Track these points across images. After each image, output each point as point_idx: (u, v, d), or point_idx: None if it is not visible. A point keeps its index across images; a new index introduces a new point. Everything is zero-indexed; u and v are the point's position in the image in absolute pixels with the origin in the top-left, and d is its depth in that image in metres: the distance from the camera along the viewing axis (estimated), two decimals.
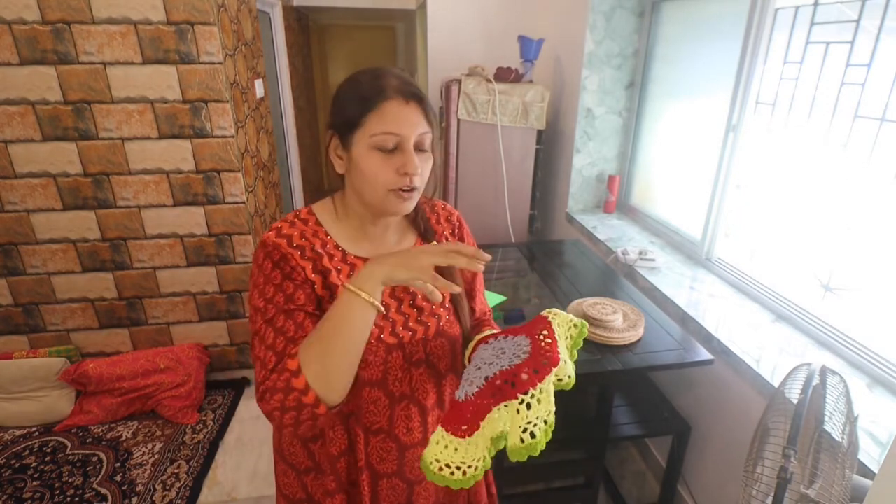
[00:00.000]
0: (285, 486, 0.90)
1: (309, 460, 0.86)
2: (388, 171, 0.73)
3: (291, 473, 0.89)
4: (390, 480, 0.87)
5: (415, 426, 0.86)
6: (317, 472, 0.86)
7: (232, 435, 2.21)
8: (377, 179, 0.74)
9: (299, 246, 0.78)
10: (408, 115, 0.72)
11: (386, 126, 0.72)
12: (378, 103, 0.72)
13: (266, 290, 0.75)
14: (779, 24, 1.60)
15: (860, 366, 1.32)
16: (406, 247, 0.87)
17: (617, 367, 1.33)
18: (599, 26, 2.36)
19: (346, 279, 0.78)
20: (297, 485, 0.89)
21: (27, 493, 1.87)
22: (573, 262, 2.06)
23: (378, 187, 0.74)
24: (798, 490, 0.80)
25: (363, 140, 0.73)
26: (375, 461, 0.85)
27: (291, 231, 0.79)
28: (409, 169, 0.73)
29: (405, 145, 0.73)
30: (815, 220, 1.50)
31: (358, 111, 0.73)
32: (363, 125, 0.72)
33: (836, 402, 0.87)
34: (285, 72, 3.60)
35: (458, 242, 0.77)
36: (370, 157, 0.73)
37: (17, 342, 2.32)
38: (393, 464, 0.86)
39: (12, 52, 1.89)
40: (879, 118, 1.26)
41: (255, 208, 2.41)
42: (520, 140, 2.61)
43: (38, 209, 2.12)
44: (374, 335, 0.79)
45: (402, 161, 0.73)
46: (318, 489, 0.86)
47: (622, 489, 1.92)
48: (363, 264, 0.77)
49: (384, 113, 0.72)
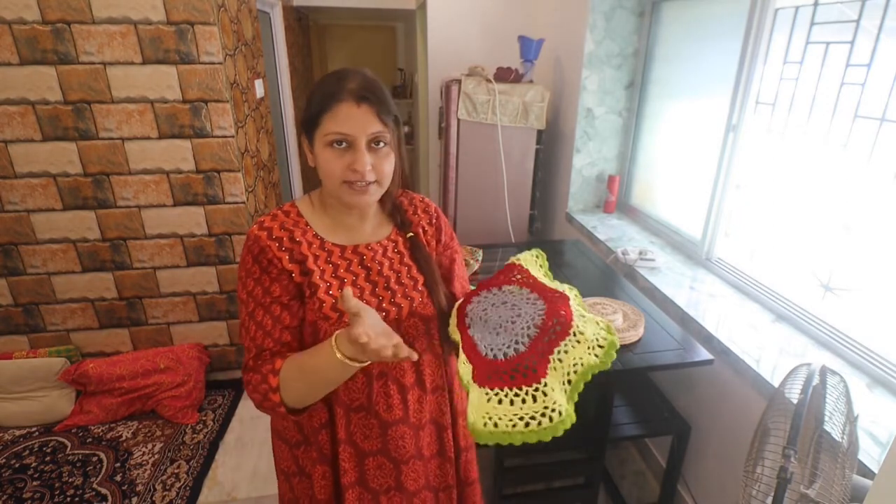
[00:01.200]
0: (280, 461, 0.97)
1: (298, 433, 0.92)
2: (340, 167, 0.80)
3: (284, 448, 0.95)
4: (376, 459, 0.91)
5: (395, 403, 0.90)
6: (306, 445, 0.92)
7: (232, 435, 2.21)
8: (331, 174, 0.81)
9: (278, 237, 0.84)
10: (358, 117, 0.78)
11: (337, 126, 0.78)
12: (331, 105, 0.78)
13: (247, 283, 0.83)
14: (779, 24, 1.60)
15: (860, 366, 1.32)
16: (383, 236, 0.93)
17: (617, 367, 1.32)
18: (599, 26, 2.36)
19: (324, 264, 0.85)
20: (289, 458, 0.95)
21: (27, 493, 1.87)
22: (573, 262, 2.06)
23: (333, 180, 0.82)
24: (798, 490, 0.80)
25: (320, 138, 0.80)
26: (359, 439, 0.90)
27: (272, 224, 0.85)
28: (357, 166, 0.79)
29: (356, 144, 0.79)
30: (815, 220, 1.50)
31: (316, 112, 0.80)
32: (320, 125, 0.80)
33: (836, 402, 0.87)
34: (285, 72, 3.60)
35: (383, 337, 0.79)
36: (325, 154, 0.81)
37: (17, 342, 2.32)
38: (377, 441, 0.91)
39: (12, 52, 1.89)
40: (879, 118, 1.26)
41: (255, 208, 2.41)
42: (520, 140, 2.61)
43: (38, 209, 2.12)
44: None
45: (352, 158, 0.80)
46: (307, 461, 0.92)
47: (622, 489, 1.92)
48: (339, 251, 0.87)
49: (336, 114, 0.78)
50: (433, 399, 0.96)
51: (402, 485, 0.93)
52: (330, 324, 0.83)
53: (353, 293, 0.78)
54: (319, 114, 0.79)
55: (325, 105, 0.79)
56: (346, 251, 0.88)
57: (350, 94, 0.78)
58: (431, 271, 0.93)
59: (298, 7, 4.06)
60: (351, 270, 0.87)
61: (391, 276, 0.90)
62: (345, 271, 0.87)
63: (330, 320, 0.83)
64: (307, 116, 0.82)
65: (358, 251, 0.89)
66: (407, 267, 0.92)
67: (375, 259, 0.89)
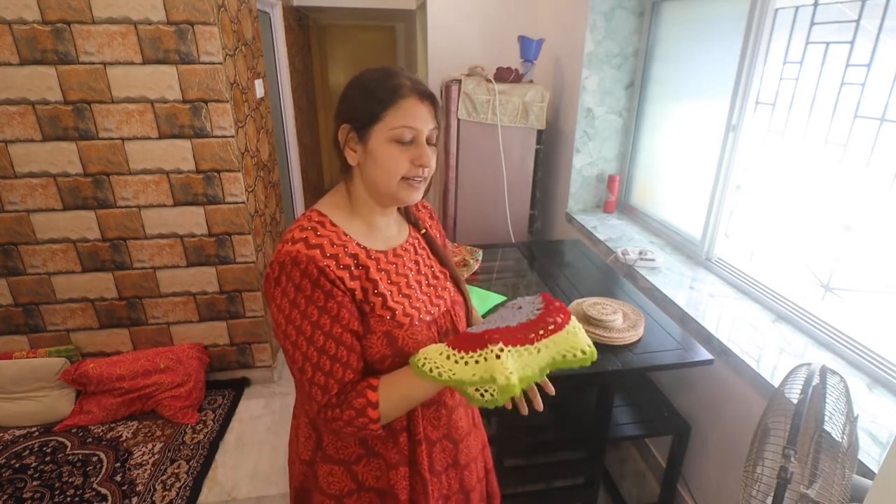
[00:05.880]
0: (331, 486, 0.91)
1: (361, 448, 0.90)
2: (404, 162, 0.80)
3: (339, 470, 0.91)
4: (441, 444, 0.94)
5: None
6: (368, 457, 0.90)
7: (232, 435, 2.21)
8: (394, 169, 0.80)
9: (333, 255, 0.78)
10: (423, 112, 0.79)
11: (405, 120, 0.78)
12: (397, 100, 0.78)
13: (309, 313, 0.75)
14: (779, 24, 1.60)
15: (860, 366, 1.32)
16: (406, 236, 0.93)
17: (617, 367, 1.33)
18: (599, 26, 2.36)
19: (378, 273, 0.83)
20: (346, 478, 0.91)
21: (27, 493, 1.87)
22: (573, 262, 2.06)
23: (394, 176, 0.80)
24: (798, 490, 0.80)
25: (382, 133, 0.79)
26: (430, 431, 0.92)
27: (320, 240, 0.78)
28: (423, 161, 0.80)
29: (420, 139, 0.80)
30: (815, 220, 1.50)
31: (378, 107, 0.78)
32: (383, 119, 0.78)
33: (836, 402, 0.87)
34: (285, 72, 3.60)
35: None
36: (388, 149, 0.79)
37: (17, 342, 2.32)
38: (443, 428, 0.94)
39: (12, 52, 1.89)
40: (879, 118, 1.26)
41: (255, 208, 2.41)
42: (520, 140, 2.61)
43: (38, 209, 2.12)
44: (415, 317, 0.85)
45: (416, 153, 0.80)
46: (370, 473, 0.91)
47: (622, 489, 1.92)
48: (384, 258, 0.85)
49: (403, 108, 0.78)
50: None
51: (457, 461, 0.97)
52: (404, 330, 0.82)
53: (410, 295, 0.85)
54: (383, 108, 0.78)
55: (389, 100, 0.78)
56: (388, 255, 0.87)
57: (412, 90, 0.79)
58: (451, 264, 0.98)
59: (298, 7, 4.06)
60: (401, 274, 0.87)
61: (428, 273, 0.92)
62: (396, 276, 0.86)
63: (403, 327, 0.82)
64: (363, 112, 0.79)
65: (397, 254, 0.89)
66: (432, 262, 0.95)
67: (411, 260, 0.91)
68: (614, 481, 1.92)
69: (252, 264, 2.35)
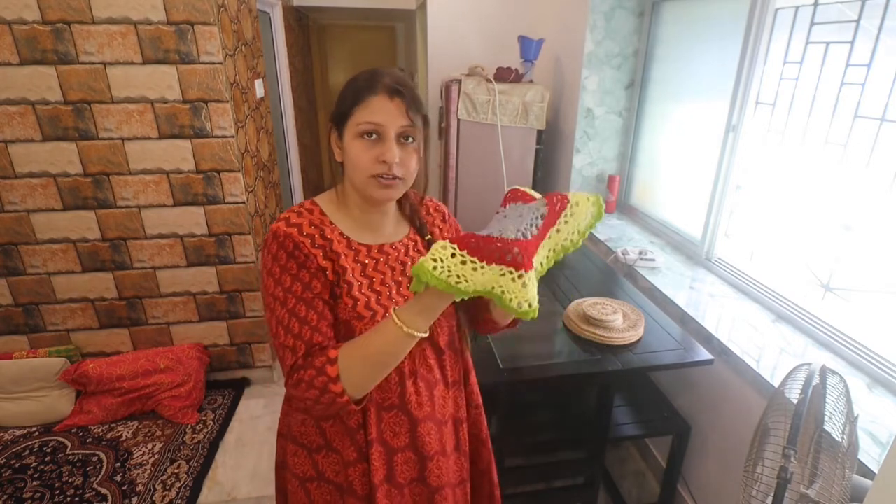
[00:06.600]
0: (296, 467, 0.94)
1: (320, 438, 0.91)
2: (369, 158, 0.81)
3: (302, 453, 0.93)
4: (404, 454, 0.92)
5: (424, 400, 0.91)
6: (327, 450, 0.91)
7: (232, 435, 2.21)
8: (359, 164, 0.81)
9: (309, 234, 0.83)
10: (390, 109, 0.80)
11: (369, 116, 0.80)
12: (366, 97, 0.80)
13: (283, 280, 0.80)
14: (779, 24, 1.60)
15: (860, 366, 1.32)
16: (402, 236, 0.94)
17: (617, 367, 1.33)
18: (599, 26, 2.36)
19: (353, 263, 0.85)
20: (308, 463, 0.93)
21: (27, 493, 1.87)
22: (573, 262, 2.06)
23: (362, 172, 0.82)
24: (798, 490, 0.80)
25: (351, 129, 0.81)
26: (389, 436, 0.90)
27: (300, 220, 0.84)
28: (386, 157, 0.80)
29: (385, 134, 0.80)
30: (815, 220, 1.50)
31: (350, 104, 0.81)
32: (353, 115, 0.81)
33: (836, 402, 0.87)
34: (285, 72, 3.60)
35: None
36: (355, 144, 0.81)
37: (17, 342, 2.32)
38: (405, 437, 0.91)
39: (12, 52, 1.89)
40: (879, 118, 1.26)
41: (255, 208, 2.41)
42: (520, 140, 2.61)
43: (38, 209, 2.12)
44: (379, 314, 0.84)
45: (380, 149, 0.80)
46: (329, 466, 0.91)
47: (622, 489, 1.92)
48: (366, 251, 0.87)
49: (370, 105, 0.80)
50: (452, 394, 0.98)
51: (425, 479, 0.94)
52: (363, 323, 0.83)
53: (382, 292, 0.85)
54: (352, 106, 0.81)
55: (359, 97, 0.80)
56: (372, 250, 0.88)
57: (384, 87, 0.80)
58: None
59: (298, 7, 4.06)
60: (378, 269, 0.88)
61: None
62: (373, 270, 0.87)
63: (363, 319, 0.83)
64: (339, 110, 0.83)
65: (383, 250, 0.90)
66: None
67: (399, 258, 0.91)
68: (614, 481, 1.92)
69: (252, 264, 2.35)
